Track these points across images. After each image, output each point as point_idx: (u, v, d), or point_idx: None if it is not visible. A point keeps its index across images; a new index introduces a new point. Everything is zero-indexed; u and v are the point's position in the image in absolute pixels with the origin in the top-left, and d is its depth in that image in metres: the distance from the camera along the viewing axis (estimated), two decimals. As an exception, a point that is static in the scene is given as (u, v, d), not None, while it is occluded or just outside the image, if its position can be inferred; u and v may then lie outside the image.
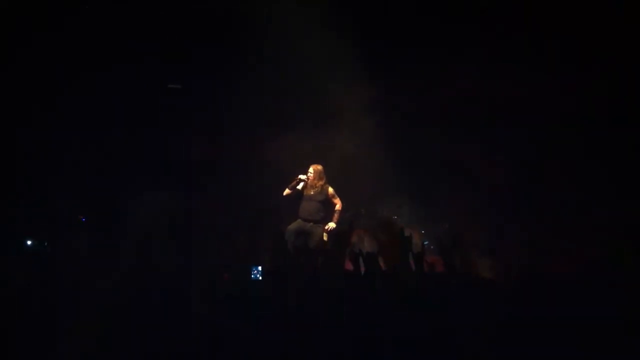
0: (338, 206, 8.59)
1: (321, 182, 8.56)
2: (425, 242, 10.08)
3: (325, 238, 8.38)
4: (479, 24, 9.41)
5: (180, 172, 10.76)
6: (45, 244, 8.67)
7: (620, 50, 8.98)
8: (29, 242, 8.60)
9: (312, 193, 8.52)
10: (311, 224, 8.43)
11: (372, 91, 9.98)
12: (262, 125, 10.31)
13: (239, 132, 10.47)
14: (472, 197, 9.64)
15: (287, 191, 8.55)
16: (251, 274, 6.08)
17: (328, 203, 8.57)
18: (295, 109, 10.14)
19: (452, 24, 9.44)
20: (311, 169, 8.57)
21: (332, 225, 8.48)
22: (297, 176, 8.56)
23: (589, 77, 9.05)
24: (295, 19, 9.49)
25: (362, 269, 5.44)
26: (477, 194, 9.69)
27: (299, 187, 8.56)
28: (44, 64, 9.70)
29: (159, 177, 10.53)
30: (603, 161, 9.18)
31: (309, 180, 8.52)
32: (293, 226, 8.45)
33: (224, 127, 10.64)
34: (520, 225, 9.27)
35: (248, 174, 10.43)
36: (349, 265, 5.61)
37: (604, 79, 9.09)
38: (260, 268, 6.08)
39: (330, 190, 8.59)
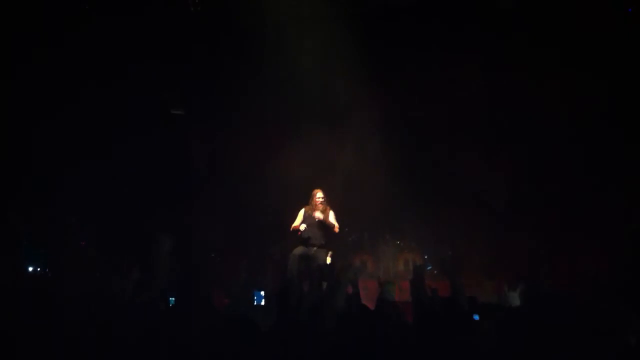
0: (336, 229, 8.46)
1: (324, 206, 8.48)
2: (429, 267, 10.01)
3: (328, 262, 8.28)
4: (485, 40, 9.48)
5: (183, 196, 10.76)
6: (47, 269, 8.64)
7: (623, 60, 9.04)
8: (30, 269, 8.57)
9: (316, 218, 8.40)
10: (315, 248, 8.32)
11: (375, 114, 10.00)
12: (266, 148, 10.33)
13: (241, 156, 10.48)
14: (476, 221, 9.60)
15: (295, 225, 8.44)
16: (254, 299, 6.04)
17: (330, 226, 8.46)
18: (299, 131, 10.17)
19: (457, 40, 9.50)
20: (320, 194, 8.47)
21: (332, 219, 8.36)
22: (313, 214, 8.38)
23: (594, 93, 9.07)
24: (299, 36, 9.59)
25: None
26: (482, 219, 9.66)
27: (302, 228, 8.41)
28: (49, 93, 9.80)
29: (162, 200, 10.55)
30: (608, 180, 9.18)
31: (317, 206, 8.40)
32: (297, 251, 8.32)
33: (227, 150, 10.65)
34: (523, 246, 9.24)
35: (252, 197, 10.41)
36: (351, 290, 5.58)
37: (608, 94, 9.13)
38: (263, 293, 6.02)
39: (332, 213, 8.49)
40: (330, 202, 8.59)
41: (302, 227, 8.39)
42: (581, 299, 5.82)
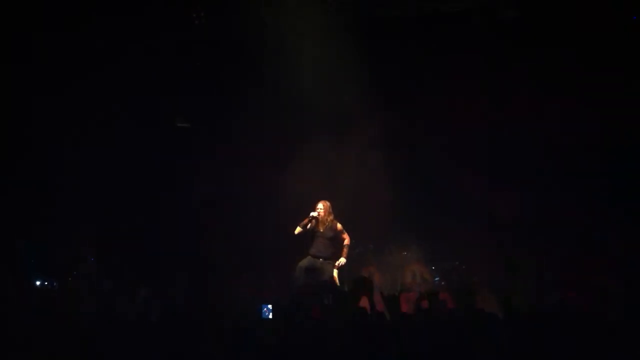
0: (347, 241, 8.47)
1: (330, 218, 8.47)
2: (436, 279, 9.97)
3: (335, 274, 8.27)
4: (491, 57, 9.50)
5: (188, 210, 10.78)
6: (54, 284, 8.68)
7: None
8: (37, 283, 8.61)
9: (321, 230, 8.41)
10: (321, 260, 8.32)
11: (381, 127, 9.99)
12: (270, 162, 10.34)
13: (246, 169, 10.49)
14: (482, 233, 9.56)
15: (298, 229, 8.41)
16: (261, 313, 6.03)
17: (337, 239, 8.46)
18: (303, 144, 10.15)
19: (463, 57, 9.51)
20: (321, 205, 8.45)
21: (342, 261, 8.34)
22: (309, 215, 8.41)
23: (604, 108, 9.06)
24: (303, 54, 9.61)
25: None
26: (488, 230, 9.62)
27: (309, 225, 8.43)
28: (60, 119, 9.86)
29: (168, 216, 10.57)
30: (620, 195, 9.13)
31: (320, 217, 8.40)
32: (303, 263, 8.33)
33: (231, 163, 10.67)
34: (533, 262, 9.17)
35: (255, 210, 10.42)
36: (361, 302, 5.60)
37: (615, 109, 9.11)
38: (270, 306, 6.00)
39: (339, 225, 8.49)
40: (337, 214, 8.59)
41: (297, 230, 8.39)
42: (589, 310, 5.80)
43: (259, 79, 10.16)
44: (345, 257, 8.41)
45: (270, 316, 5.95)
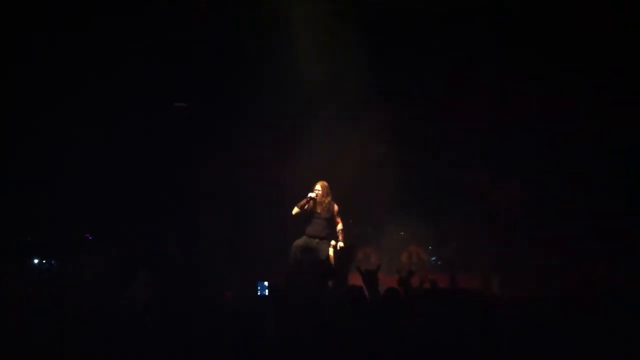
0: (340, 226, 8.42)
1: (328, 199, 8.41)
2: (433, 259, 9.96)
3: (331, 254, 8.22)
4: (493, 50, 9.57)
5: (188, 190, 10.77)
6: (52, 262, 8.65)
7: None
8: (35, 261, 8.59)
9: (319, 211, 8.35)
10: (317, 240, 8.27)
11: (383, 117, 10.01)
12: (270, 143, 10.36)
13: (246, 150, 10.55)
14: (480, 216, 9.55)
15: (296, 210, 8.34)
16: (257, 290, 5.98)
17: (334, 220, 8.41)
18: (306, 129, 10.20)
19: (465, 51, 9.58)
20: (318, 186, 8.40)
21: (340, 244, 8.29)
22: (307, 195, 8.36)
23: (601, 98, 9.06)
24: (307, 42, 9.70)
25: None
26: (486, 213, 9.61)
27: (307, 206, 8.39)
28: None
29: (167, 196, 10.56)
30: (617, 183, 9.12)
31: (318, 198, 8.36)
32: (299, 242, 8.29)
33: (232, 145, 10.74)
34: (529, 246, 9.14)
35: (254, 191, 10.42)
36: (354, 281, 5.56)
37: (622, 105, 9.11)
38: (266, 283, 5.96)
39: (336, 207, 8.44)
40: (335, 196, 8.55)
41: (295, 210, 8.33)
42: (589, 310, 5.76)
43: (259, 77, 10.20)
44: (342, 242, 8.34)
45: (267, 293, 5.93)
